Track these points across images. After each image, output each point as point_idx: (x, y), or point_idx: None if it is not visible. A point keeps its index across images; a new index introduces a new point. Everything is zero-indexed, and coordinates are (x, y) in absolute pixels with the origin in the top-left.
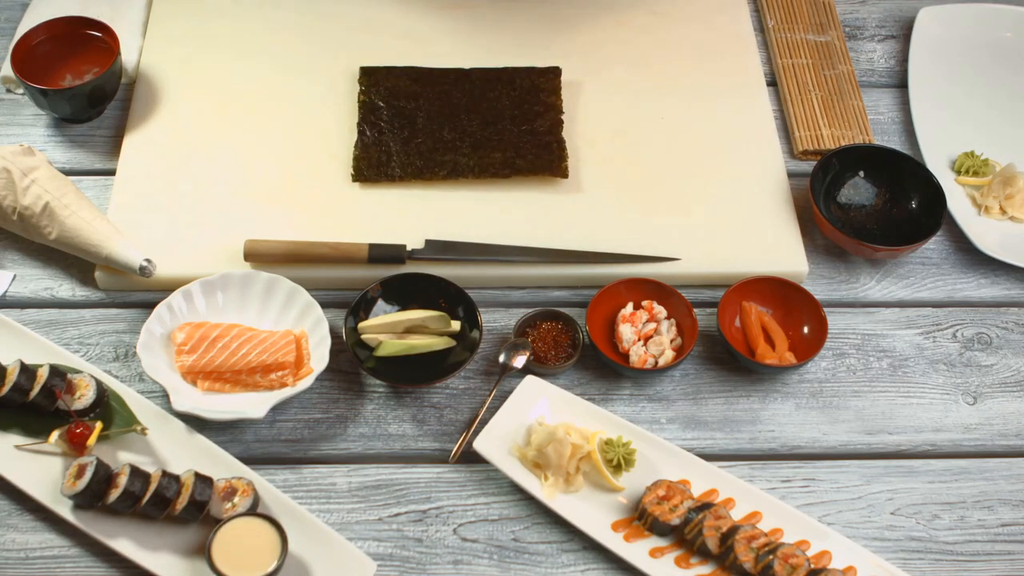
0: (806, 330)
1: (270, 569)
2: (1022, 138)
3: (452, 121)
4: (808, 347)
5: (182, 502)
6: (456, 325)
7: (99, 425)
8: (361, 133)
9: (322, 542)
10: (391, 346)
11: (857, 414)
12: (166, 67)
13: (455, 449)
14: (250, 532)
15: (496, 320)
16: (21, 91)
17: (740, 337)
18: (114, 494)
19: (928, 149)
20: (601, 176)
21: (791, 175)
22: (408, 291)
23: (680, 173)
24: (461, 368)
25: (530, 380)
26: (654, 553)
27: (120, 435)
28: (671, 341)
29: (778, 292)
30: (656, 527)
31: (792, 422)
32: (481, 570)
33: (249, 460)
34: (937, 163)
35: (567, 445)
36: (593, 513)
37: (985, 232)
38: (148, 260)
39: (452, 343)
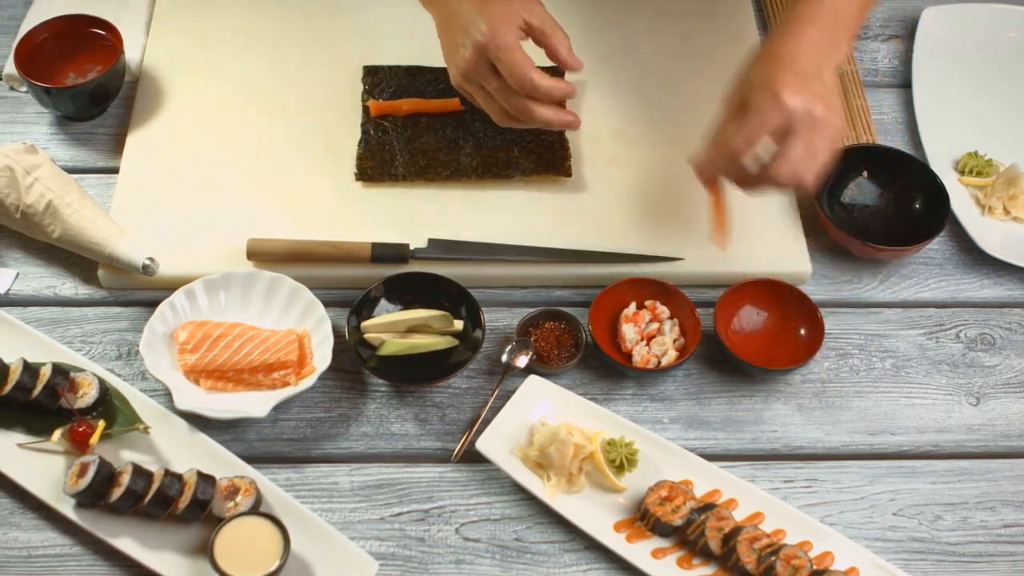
0: (803, 332)
1: (272, 568)
2: None
3: (455, 120)
4: (805, 349)
5: (184, 501)
6: (459, 324)
7: (101, 424)
8: (364, 132)
9: (324, 541)
10: (393, 345)
11: (860, 414)
12: (169, 65)
13: (457, 449)
14: (252, 531)
15: (498, 320)
16: (24, 89)
17: (736, 340)
18: (116, 493)
19: (932, 149)
20: (604, 175)
21: None
22: (411, 290)
23: (683, 173)
24: (463, 368)
25: (532, 380)
26: (656, 554)
27: (122, 434)
28: (674, 341)
29: (774, 295)
30: (658, 528)
31: (795, 422)
32: (483, 570)
33: (251, 459)
34: (940, 163)
35: (569, 445)
36: (595, 513)
37: (988, 233)
38: (151, 259)
39: (454, 343)
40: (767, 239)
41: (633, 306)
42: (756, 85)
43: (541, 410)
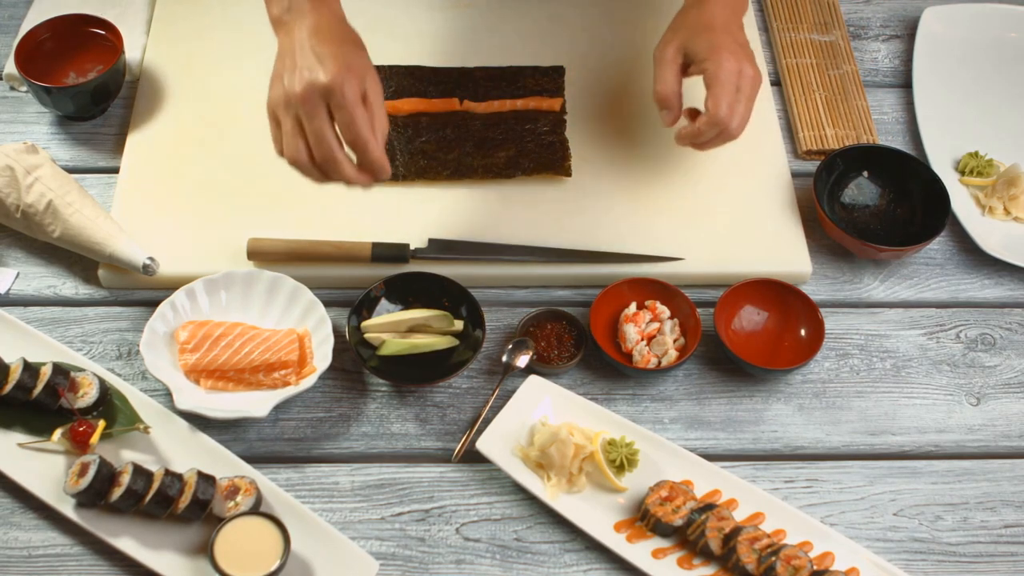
0: (803, 333)
1: (273, 568)
2: None
3: (455, 120)
4: (806, 349)
5: (185, 501)
6: (459, 324)
7: (102, 423)
8: None
9: (325, 541)
10: (394, 345)
11: (860, 415)
12: (170, 65)
13: (458, 449)
14: (253, 531)
15: (499, 319)
16: (24, 88)
17: (737, 340)
18: (117, 492)
19: (932, 149)
20: (604, 175)
21: (795, 175)
22: (411, 290)
23: (684, 173)
24: (464, 368)
25: (533, 380)
26: (656, 554)
27: (123, 433)
28: (674, 341)
29: (775, 295)
30: (659, 528)
31: (795, 422)
32: (484, 569)
33: (252, 459)
34: (941, 163)
35: (570, 445)
36: (596, 513)
37: (989, 233)
38: (151, 258)
39: (455, 342)
40: (767, 239)
41: (633, 306)
42: (707, 56)
43: (542, 410)
